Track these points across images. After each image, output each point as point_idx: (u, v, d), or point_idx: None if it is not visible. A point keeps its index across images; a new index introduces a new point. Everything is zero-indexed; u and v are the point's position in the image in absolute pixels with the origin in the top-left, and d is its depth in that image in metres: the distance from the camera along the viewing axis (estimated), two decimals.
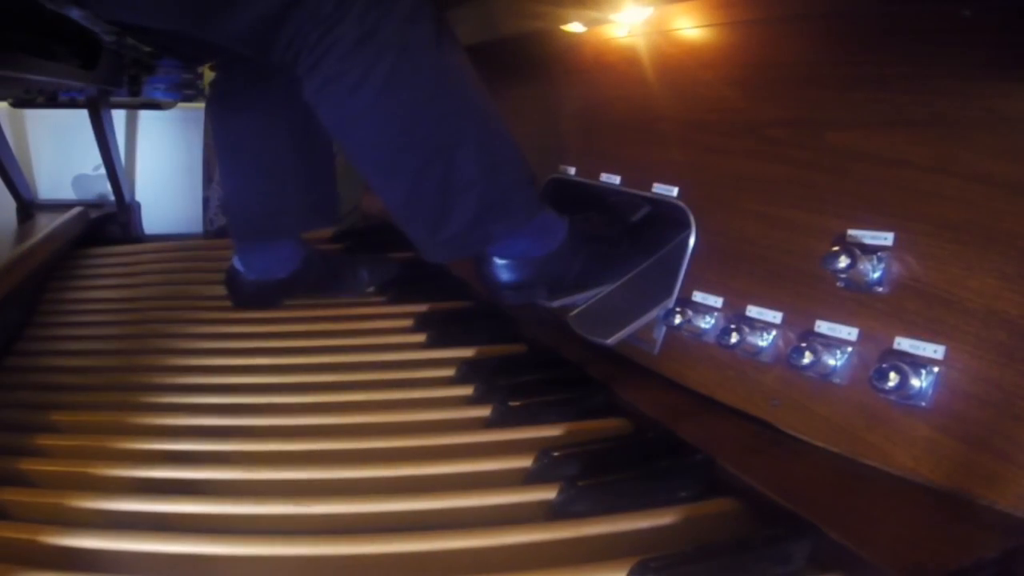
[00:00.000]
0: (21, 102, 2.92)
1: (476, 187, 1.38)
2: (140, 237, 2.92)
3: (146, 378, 1.43)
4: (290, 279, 1.87)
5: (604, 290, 1.46)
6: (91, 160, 2.92)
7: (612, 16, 1.51)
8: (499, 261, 1.45)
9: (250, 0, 1.27)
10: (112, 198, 2.87)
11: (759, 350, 1.12)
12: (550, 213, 1.46)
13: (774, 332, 1.11)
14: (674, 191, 1.34)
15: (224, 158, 1.84)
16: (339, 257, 2.03)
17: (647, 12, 1.46)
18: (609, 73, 1.64)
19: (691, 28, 1.40)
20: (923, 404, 0.92)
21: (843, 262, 0.98)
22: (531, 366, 1.42)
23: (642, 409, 1.20)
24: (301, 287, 1.91)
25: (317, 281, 1.93)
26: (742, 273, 1.19)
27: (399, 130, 1.34)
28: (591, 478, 0.99)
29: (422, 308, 1.77)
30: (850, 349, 1.01)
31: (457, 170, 1.36)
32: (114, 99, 2.86)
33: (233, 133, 1.79)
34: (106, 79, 2.48)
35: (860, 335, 1.01)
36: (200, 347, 1.57)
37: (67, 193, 3.04)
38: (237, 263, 1.84)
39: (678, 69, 1.42)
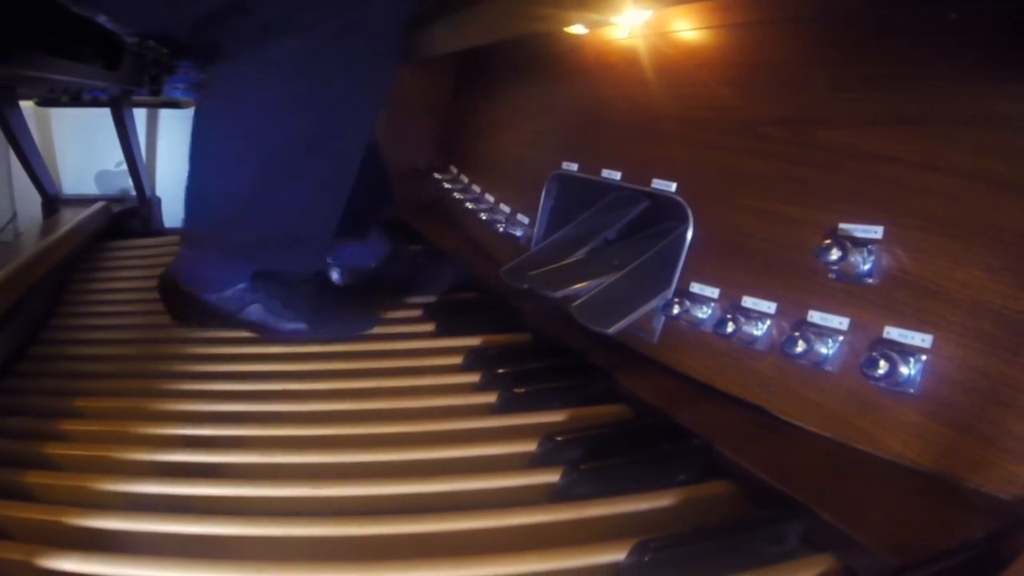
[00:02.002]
0: (46, 101, 2.92)
1: (275, 220, 1.44)
2: (160, 230, 2.92)
3: (165, 366, 1.44)
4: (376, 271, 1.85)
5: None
6: (113, 157, 2.94)
7: (613, 18, 1.50)
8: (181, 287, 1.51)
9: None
10: (133, 193, 2.88)
11: (754, 339, 1.12)
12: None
13: (768, 322, 1.11)
14: (672, 186, 1.34)
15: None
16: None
17: (646, 15, 1.45)
18: (610, 73, 1.64)
19: (689, 30, 1.39)
20: (911, 391, 0.91)
21: (835, 255, 0.98)
22: (535, 354, 1.42)
23: (642, 396, 1.20)
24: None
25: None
26: (738, 265, 1.19)
27: (254, 144, 1.38)
28: (593, 462, 1.00)
29: (431, 299, 1.77)
30: (841, 338, 1.01)
31: (273, 196, 1.42)
32: (135, 98, 2.87)
33: None
34: (128, 79, 2.48)
35: (851, 324, 1.00)
36: (217, 336, 1.57)
37: (90, 188, 3.05)
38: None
39: (676, 69, 1.42)
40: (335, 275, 1.81)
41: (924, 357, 0.91)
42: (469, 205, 2.16)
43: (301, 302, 1.53)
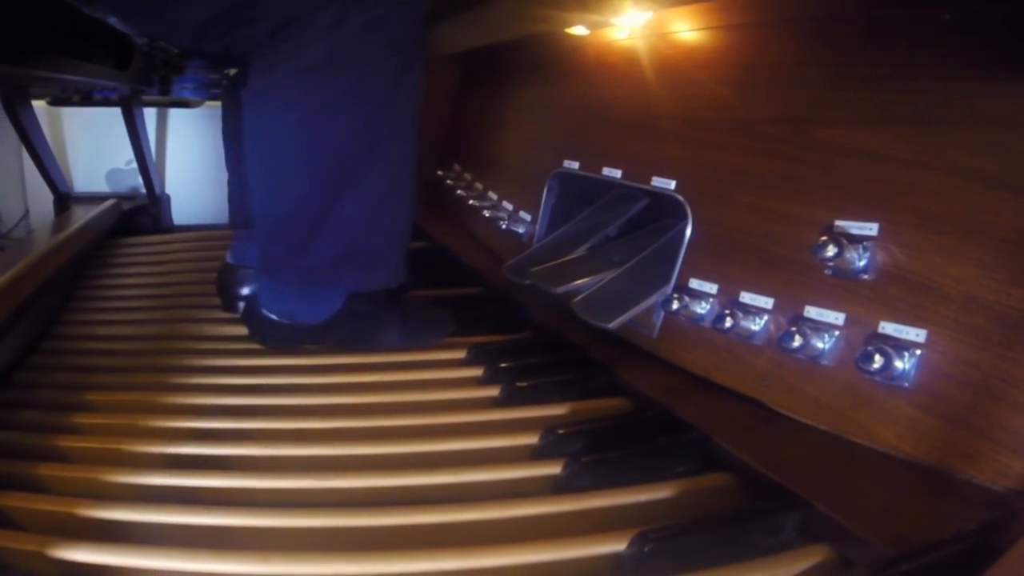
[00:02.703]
0: (58, 100, 2.93)
1: (348, 233, 1.39)
2: (170, 227, 2.93)
3: (175, 360, 1.44)
4: None
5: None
6: (124, 155, 2.93)
7: (613, 20, 1.50)
8: (268, 315, 1.45)
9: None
10: (143, 191, 2.89)
11: (752, 334, 1.12)
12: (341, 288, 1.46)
13: (766, 317, 1.11)
14: (672, 184, 1.34)
15: (232, 147, 1.73)
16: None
17: (646, 16, 1.45)
18: (610, 73, 1.64)
19: (687, 31, 1.39)
20: (906, 385, 0.92)
21: (831, 251, 0.98)
22: (537, 349, 1.42)
23: (642, 389, 1.20)
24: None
25: None
26: (736, 261, 1.19)
27: (307, 157, 1.33)
28: (594, 454, 1.00)
29: (435, 294, 1.77)
30: (837, 333, 1.01)
31: (339, 210, 1.36)
32: (145, 98, 2.87)
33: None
34: (138, 79, 2.49)
35: (847, 320, 1.01)
36: (225, 332, 1.57)
37: (101, 186, 3.05)
38: (229, 257, 1.71)
39: (675, 70, 1.42)
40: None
41: (918, 352, 0.91)
42: (472, 203, 2.16)
43: (391, 315, 1.49)
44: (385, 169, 1.39)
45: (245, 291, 1.65)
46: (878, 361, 0.91)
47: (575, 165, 1.68)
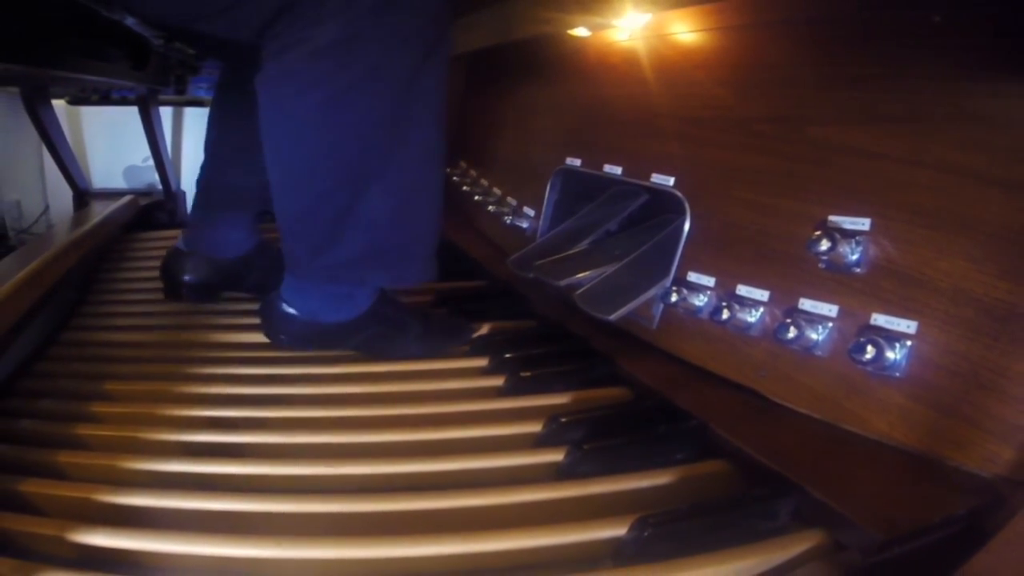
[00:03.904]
0: (77, 100, 2.94)
1: (374, 228, 1.30)
2: (185, 222, 2.92)
3: (190, 351, 1.44)
4: (236, 263, 1.67)
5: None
6: (140, 152, 2.94)
7: (614, 21, 1.50)
8: (287, 310, 1.38)
9: None
10: (160, 187, 2.89)
11: (748, 325, 1.12)
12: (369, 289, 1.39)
13: (761, 309, 1.11)
14: (670, 181, 1.34)
15: (214, 128, 1.68)
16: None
17: (646, 18, 1.45)
18: (611, 73, 1.63)
19: (686, 32, 1.39)
20: (897, 374, 0.92)
21: (824, 245, 0.98)
22: (541, 340, 1.42)
23: (642, 379, 1.20)
24: (246, 278, 1.69)
25: (265, 276, 1.65)
26: (732, 255, 1.19)
27: (327, 148, 1.23)
28: (595, 442, 1.00)
29: (442, 286, 1.77)
30: (831, 324, 1.01)
31: (363, 204, 1.27)
32: (162, 97, 2.87)
33: (233, 109, 1.63)
34: (155, 79, 2.49)
35: (840, 312, 1.01)
36: (239, 323, 1.57)
37: (119, 182, 3.06)
38: (181, 243, 1.66)
39: (674, 70, 1.42)
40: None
41: (909, 342, 0.91)
42: (477, 198, 2.16)
43: (412, 323, 1.42)
44: (410, 159, 1.29)
45: (188, 279, 1.63)
46: (870, 352, 0.92)
47: (577, 162, 1.68)
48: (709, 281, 1.21)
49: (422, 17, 1.21)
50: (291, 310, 1.37)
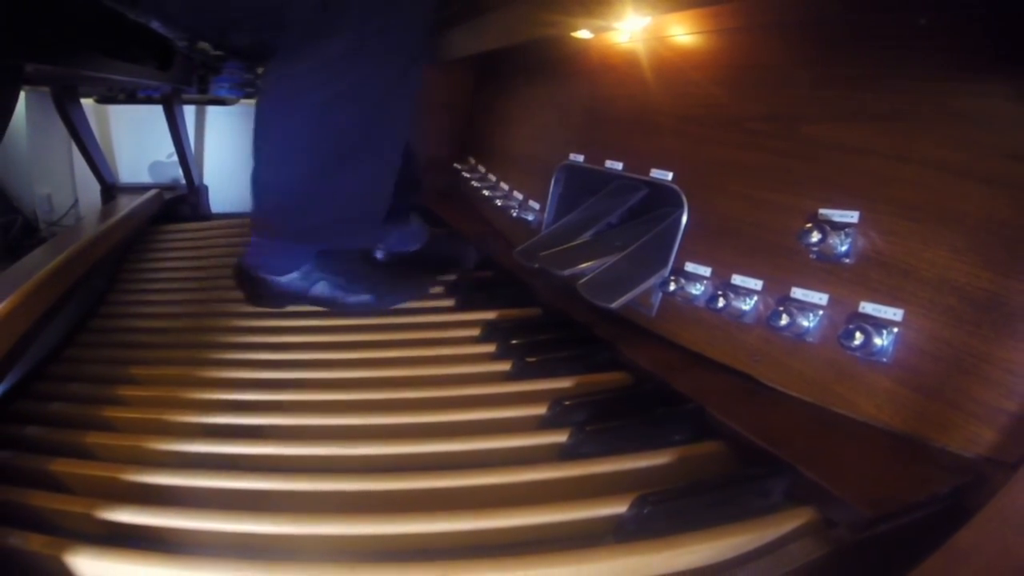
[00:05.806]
0: (105, 99, 2.95)
1: (343, 203, 1.47)
2: (207, 215, 2.94)
3: (212, 337, 1.44)
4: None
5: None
6: (165, 149, 2.95)
7: (615, 24, 1.50)
8: (248, 270, 1.53)
9: None
10: (183, 182, 2.91)
11: (742, 313, 1.12)
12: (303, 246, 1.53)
13: (755, 298, 1.11)
14: (669, 175, 1.34)
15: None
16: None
17: (646, 21, 1.45)
18: (613, 74, 1.63)
19: (683, 34, 1.39)
20: (884, 360, 0.92)
21: (815, 237, 0.98)
22: (545, 327, 1.42)
23: (641, 364, 1.20)
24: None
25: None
26: (728, 247, 1.18)
27: (315, 142, 1.38)
28: (597, 424, 1.00)
29: (452, 276, 1.77)
30: (821, 312, 1.01)
31: (339, 184, 1.44)
32: (185, 96, 2.89)
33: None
34: (179, 79, 2.49)
35: (830, 300, 1.00)
36: (258, 310, 1.58)
37: (144, 177, 3.06)
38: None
39: (672, 70, 1.42)
40: (379, 255, 1.80)
41: (896, 329, 0.91)
42: (485, 192, 2.16)
43: (363, 277, 1.55)
44: (378, 155, 1.46)
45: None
46: (859, 338, 0.92)
47: (580, 158, 1.67)
48: (705, 271, 1.21)
49: (407, 44, 1.38)
50: (249, 269, 1.54)
